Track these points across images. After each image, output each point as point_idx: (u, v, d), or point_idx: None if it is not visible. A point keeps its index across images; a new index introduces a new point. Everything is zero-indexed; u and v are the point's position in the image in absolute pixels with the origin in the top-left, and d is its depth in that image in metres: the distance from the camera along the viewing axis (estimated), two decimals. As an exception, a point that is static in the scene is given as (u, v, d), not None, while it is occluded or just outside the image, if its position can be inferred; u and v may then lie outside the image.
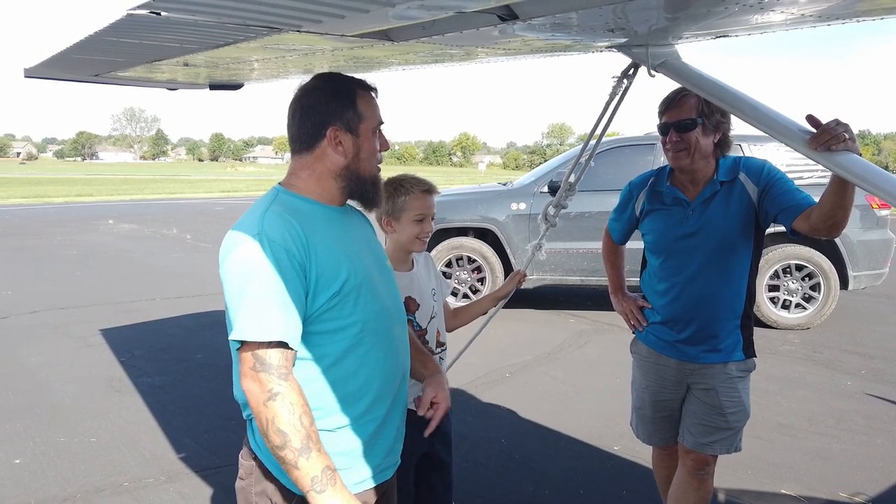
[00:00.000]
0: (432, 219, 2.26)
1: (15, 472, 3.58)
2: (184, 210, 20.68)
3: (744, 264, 2.41)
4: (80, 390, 4.83)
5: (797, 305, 6.73)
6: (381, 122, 1.65)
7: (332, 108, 1.56)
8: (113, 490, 3.41)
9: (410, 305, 2.21)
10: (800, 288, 6.70)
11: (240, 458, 1.66)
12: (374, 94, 1.64)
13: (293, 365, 1.48)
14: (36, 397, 4.69)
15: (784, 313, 6.73)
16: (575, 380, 5.22)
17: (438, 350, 2.30)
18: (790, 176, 2.38)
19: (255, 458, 1.59)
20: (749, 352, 2.47)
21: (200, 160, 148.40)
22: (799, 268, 6.68)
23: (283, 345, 1.43)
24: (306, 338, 1.50)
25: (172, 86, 3.13)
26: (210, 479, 3.51)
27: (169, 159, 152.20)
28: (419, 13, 1.34)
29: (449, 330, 2.46)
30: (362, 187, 1.62)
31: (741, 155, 2.66)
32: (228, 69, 2.47)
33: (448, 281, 7.08)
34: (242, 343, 1.42)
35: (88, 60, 2.32)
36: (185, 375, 5.16)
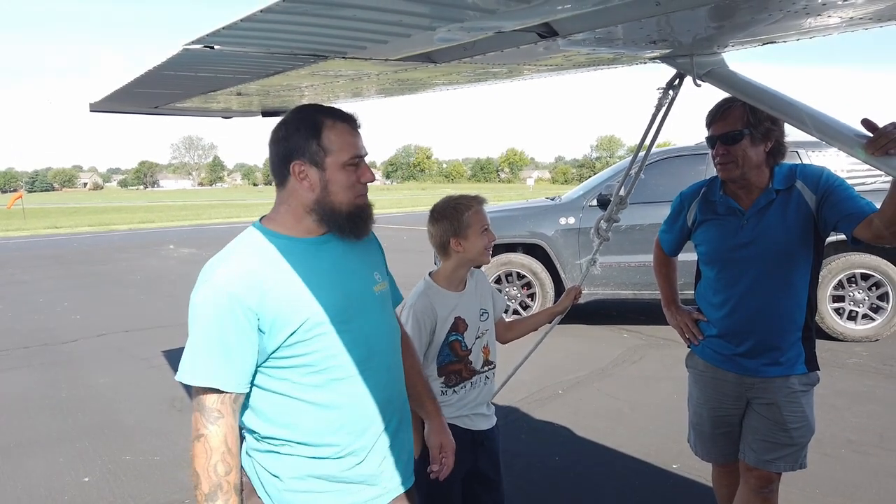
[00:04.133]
0: None
1: (84, 490, 3.73)
2: (240, 233, 21.23)
3: (803, 274, 2.33)
4: (144, 410, 5.01)
5: (864, 316, 6.43)
6: (358, 154, 1.56)
7: (294, 141, 1.53)
8: (176, 507, 3.51)
9: (459, 326, 2.23)
10: (866, 298, 6.41)
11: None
12: (349, 125, 1.56)
13: (245, 405, 1.53)
14: (103, 417, 4.88)
15: (850, 325, 6.45)
16: (630, 396, 5.11)
17: (485, 369, 2.29)
18: (851, 182, 2.30)
19: (246, 474, 1.61)
20: (812, 365, 2.38)
21: (255, 184, 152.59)
22: (865, 277, 6.40)
23: (216, 389, 1.44)
24: (276, 372, 1.51)
25: (227, 114, 3.26)
26: (268, 496, 3.56)
27: (226, 185, 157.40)
28: (460, 35, 1.37)
29: (503, 342, 2.45)
30: (338, 220, 1.56)
31: (798, 162, 2.58)
32: (280, 96, 2.56)
33: (498, 297, 7.05)
34: None
35: (148, 94, 2.44)
36: (243, 395, 5.28)
